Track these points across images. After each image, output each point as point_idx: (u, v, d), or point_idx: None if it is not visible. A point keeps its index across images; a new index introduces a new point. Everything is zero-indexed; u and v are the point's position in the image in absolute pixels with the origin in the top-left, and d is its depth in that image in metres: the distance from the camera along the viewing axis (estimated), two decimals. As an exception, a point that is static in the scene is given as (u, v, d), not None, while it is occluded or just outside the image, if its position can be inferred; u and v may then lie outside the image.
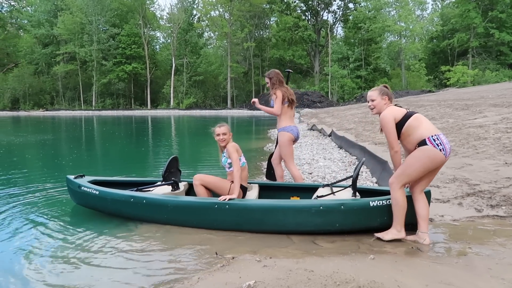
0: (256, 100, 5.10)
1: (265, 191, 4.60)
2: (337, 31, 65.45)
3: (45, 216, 4.51)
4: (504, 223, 3.76)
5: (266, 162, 5.48)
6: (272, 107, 5.04)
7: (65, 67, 59.66)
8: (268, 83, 5.07)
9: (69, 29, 58.21)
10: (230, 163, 4.22)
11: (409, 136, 3.31)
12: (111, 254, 3.39)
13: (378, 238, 3.43)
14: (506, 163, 5.47)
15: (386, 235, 3.38)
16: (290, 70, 6.06)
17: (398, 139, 3.38)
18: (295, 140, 5.07)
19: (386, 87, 3.53)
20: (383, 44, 56.30)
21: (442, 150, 3.21)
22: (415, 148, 3.31)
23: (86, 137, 17.46)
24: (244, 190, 4.23)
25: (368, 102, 3.51)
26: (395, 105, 3.49)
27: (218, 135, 4.25)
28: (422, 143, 3.24)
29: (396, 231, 3.35)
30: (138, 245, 3.58)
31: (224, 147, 4.29)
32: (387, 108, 3.41)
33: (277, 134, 5.11)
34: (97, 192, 4.31)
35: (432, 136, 3.23)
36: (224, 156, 4.29)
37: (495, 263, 2.82)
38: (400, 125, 3.32)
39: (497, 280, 2.51)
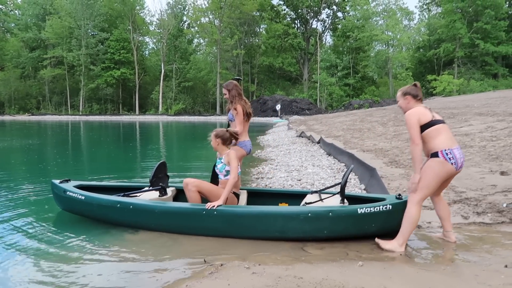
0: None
1: (253, 197, 4.58)
2: (326, 39, 66.24)
3: (29, 222, 4.41)
4: (490, 230, 3.81)
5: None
6: (232, 120, 4.85)
7: (52, 72, 59.02)
8: (226, 94, 4.89)
9: (57, 33, 57.70)
10: (227, 171, 4.15)
11: (425, 144, 3.38)
12: (97, 262, 3.33)
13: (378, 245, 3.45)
14: (491, 171, 5.55)
15: (386, 244, 3.38)
16: (240, 78, 5.91)
17: None
18: (247, 154, 5.01)
19: (416, 85, 3.57)
20: (371, 53, 57.01)
21: (453, 164, 3.28)
22: (428, 156, 3.39)
23: (73, 142, 17.23)
24: (237, 196, 4.20)
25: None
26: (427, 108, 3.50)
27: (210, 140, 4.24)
28: (434, 154, 3.31)
29: (398, 244, 3.34)
30: (124, 252, 3.52)
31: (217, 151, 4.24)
32: (414, 108, 3.44)
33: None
34: (83, 197, 4.23)
35: (445, 150, 3.29)
36: (222, 163, 4.18)
37: (481, 269, 2.84)
38: (422, 129, 3.36)
39: (483, 287, 2.53)
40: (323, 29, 63.84)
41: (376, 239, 3.47)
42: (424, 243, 3.56)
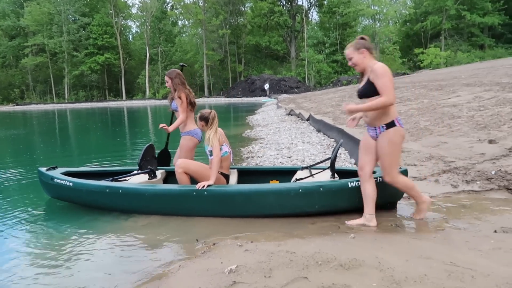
0: (164, 125, 4.75)
1: (244, 176, 4.56)
2: (312, 16, 65.52)
3: (17, 212, 4.34)
4: (479, 197, 3.85)
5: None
6: (175, 110, 4.82)
7: (34, 60, 57.57)
8: (167, 82, 4.80)
9: (37, 20, 56.06)
10: (210, 151, 4.11)
11: (381, 112, 3.15)
12: (88, 248, 3.29)
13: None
14: (479, 139, 5.58)
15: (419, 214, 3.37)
16: (185, 64, 5.76)
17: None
18: (199, 142, 4.87)
19: (363, 38, 3.27)
20: (357, 28, 56.58)
21: (403, 128, 3.25)
22: (375, 126, 3.22)
23: (59, 131, 16.97)
24: (226, 178, 4.16)
25: (349, 62, 3.30)
26: None
27: None
28: (391, 124, 3.15)
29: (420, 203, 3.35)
30: (116, 237, 3.49)
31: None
32: (380, 62, 3.17)
33: (181, 138, 4.83)
34: (71, 184, 4.16)
35: (398, 117, 3.21)
36: (206, 143, 4.18)
37: (471, 235, 2.87)
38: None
39: (474, 252, 2.56)
40: (309, 5, 63.08)
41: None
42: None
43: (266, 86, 44.64)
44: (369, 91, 3.15)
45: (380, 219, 3.45)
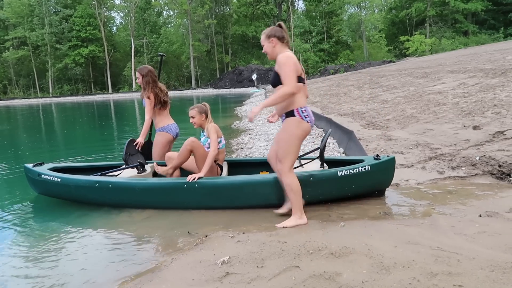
0: (134, 141, 4.63)
1: (234, 167, 4.58)
2: (298, 4, 65.25)
3: (5, 210, 4.29)
4: (464, 183, 3.94)
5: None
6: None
7: (15, 53, 56.27)
8: (138, 79, 4.66)
9: (17, 11, 54.73)
10: (209, 143, 4.11)
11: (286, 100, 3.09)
12: (80, 243, 3.29)
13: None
14: (464, 126, 5.69)
15: (289, 222, 3.16)
16: (164, 54, 5.59)
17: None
18: (174, 138, 4.87)
19: (280, 25, 3.24)
20: (343, 17, 56.58)
21: (309, 121, 3.16)
22: (281, 116, 3.23)
23: (45, 125, 16.71)
24: (221, 168, 4.19)
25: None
26: None
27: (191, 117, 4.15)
28: (290, 113, 3.12)
29: (297, 217, 3.16)
30: (107, 232, 3.49)
31: (202, 128, 4.18)
32: (288, 52, 3.13)
33: (156, 134, 4.81)
34: (59, 180, 4.13)
35: (300, 108, 3.11)
36: (204, 136, 4.15)
37: (457, 220, 2.94)
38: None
39: (460, 236, 2.63)
40: (295, -6, 62.67)
41: (277, 225, 3.17)
42: (402, 200, 3.66)
43: (254, 77, 44.51)
44: (276, 80, 3.12)
45: (369, 207, 3.52)
